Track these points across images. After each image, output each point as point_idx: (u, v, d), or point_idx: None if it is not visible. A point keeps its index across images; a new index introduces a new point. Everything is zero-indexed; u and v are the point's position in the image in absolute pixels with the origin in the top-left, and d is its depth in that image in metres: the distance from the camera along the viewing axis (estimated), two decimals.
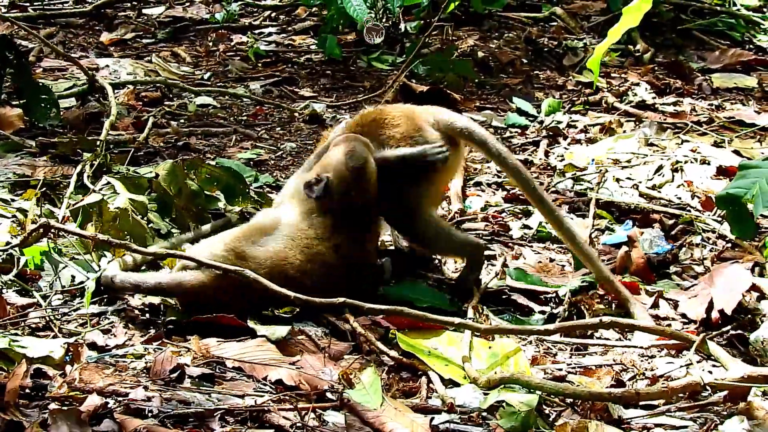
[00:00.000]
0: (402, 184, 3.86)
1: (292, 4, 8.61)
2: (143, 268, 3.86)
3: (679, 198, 5.05)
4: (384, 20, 7.73)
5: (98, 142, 4.98)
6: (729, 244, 4.49)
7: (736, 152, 5.63)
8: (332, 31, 7.47)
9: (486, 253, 4.17)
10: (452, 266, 4.21)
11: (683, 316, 3.85)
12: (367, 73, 7.19)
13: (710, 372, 3.30)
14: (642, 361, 3.47)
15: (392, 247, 4.33)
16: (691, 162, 5.42)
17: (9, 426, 2.63)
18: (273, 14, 8.55)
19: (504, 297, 3.94)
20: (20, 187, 4.54)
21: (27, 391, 2.84)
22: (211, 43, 7.77)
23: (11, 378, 2.79)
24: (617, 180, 5.25)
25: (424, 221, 3.94)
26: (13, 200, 4.33)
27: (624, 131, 6.03)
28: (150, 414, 2.76)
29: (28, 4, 8.75)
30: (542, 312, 3.83)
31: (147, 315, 3.51)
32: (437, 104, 6.28)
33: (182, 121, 6.03)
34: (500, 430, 2.90)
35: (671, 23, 8.18)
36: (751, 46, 8.02)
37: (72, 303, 3.58)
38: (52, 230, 3.77)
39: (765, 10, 8.75)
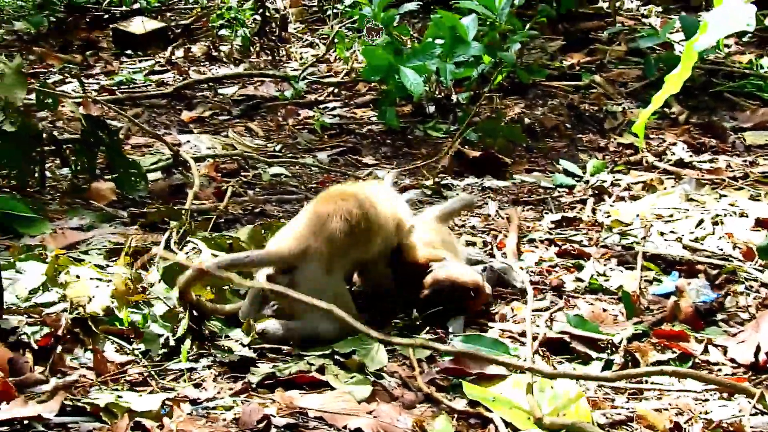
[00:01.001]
0: None
1: (353, 80, 8.68)
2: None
3: (721, 249, 4.97)
4: (437, 92, 7.77)
5: (183, 211, 5.03)
6: None
7: None
8: (391, 103, 7.51)
9: (540, 304, 4.20)
10: (509, 314, 4.18)
11: (732, 360, 3.78)
12: (424, 141, 7.20)
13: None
14: (696, 404, 3.40)
15: None
16: (730, 215, 5.36)
17: None
18: (336, 90, 8.61)
19: (562, 344, 3.88)
20: (114, 254, 4.58)
21: None
22: (281, 118, 7.83)
23: (114, 431, 2.80)
24: (661, 234, 5.19)
25: None
26: (108, 266, 4.36)
27: (665, 188, 5.97)
28: None
29: (115, 88, 8.91)
30: (599, 359, 3.77)
31: (235, 370, 3.49)
32: (489, 168, 6.39)
33: (258, 189, 6.06)
34: None
35: (703, 86, 8.13)
36: None
37: (164, 358, 3.59)
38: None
39: None
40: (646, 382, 3.58)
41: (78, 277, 3.92)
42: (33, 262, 4.19)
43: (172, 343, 3.62)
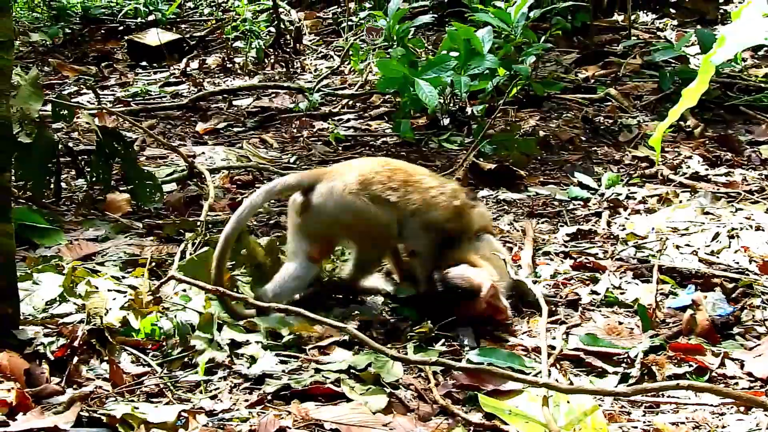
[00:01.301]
0: None
1: (368, 92, 8.71)
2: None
3: (737, 263, 4.95)
4: (452, 105, 7.79)
5: (198, 223, 5.05)
6: None
7: None
8: (405, 116, 7.53)
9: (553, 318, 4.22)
10: (524, 328, 4.17)
11: (749, 374, 3.76)
12: (439, 153, 7.20)
13: None
14: (713, 418, 3.39)
15: None
16: (746, 229, 5.34)
17: None
18: (350, 102, 8.64)
19: (577, 359, 3.87)
20: (130, 266, 4.60)
21: None
22: (295, 130, 7.86)
23: None
24: (677, 247, 5.17)
25: None
26: (124, 277, 4.37)
27: (680, 201, 5.96)
28: None
29: (130, 100, 8.97)
30: (615, 372, 3.76)
31: (250, 382, 3.50)
32: (504, 181, 6.38)
33: (272, 201, 6.06)
34: None
35: (719, 100, 8.12)
36: None
37: (181, 370, 3.60)
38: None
39: None
40: (663, 395, 3.56)
41: (95, 287, 3.93)
42: (50, 273, 4.22)
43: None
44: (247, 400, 3.36)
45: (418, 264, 4.35)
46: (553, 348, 3.86)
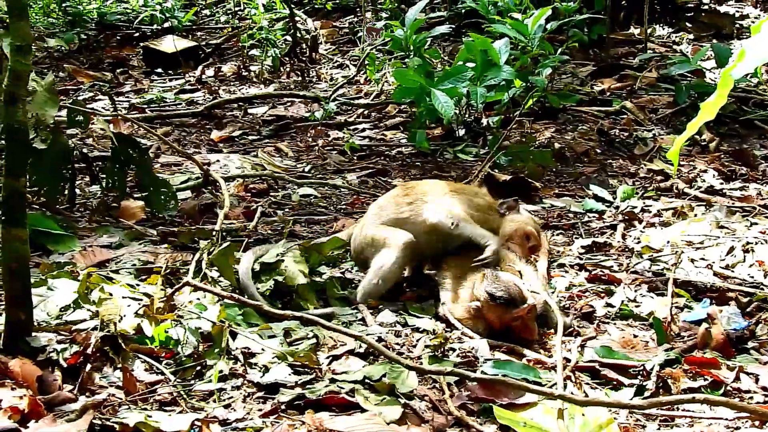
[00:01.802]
0: None
1: (383, 102, 8.72)
2: None
3: (752, 277, 4.94)
4: (468, 116, 7.78)
5: (213, 231, 5.05)
6: None
7: None
8: (421, 126, 7.53)
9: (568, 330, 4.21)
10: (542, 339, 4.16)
11: (763, 389, 3.74)
12: (454, 164, 7.20)
13: None
14: None
15: None
16: (761, 243, 5.31)
17: None
18: (366, 112, 8.64)
19: (593, 371, 3.85)
20: (144, 273, 4.60)
21: None
22: (310, 139, 7.87)
23: None
24: (692, 260, 5.16)
25: None
26: (138, 285, 4.37)
27: (695, 215, 5.94)
28: None
29: (146, 107, 8.99)
30: (630, 385, 3.74)
31: (264, 391, 3.49)
32: (519, 192, 6.37)
33: (287, 210, 6.08)
34: None
35: (734, 114, 8.11)
36: None
37: (194, 378, 3.59)
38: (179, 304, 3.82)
39: None
40: (678, 409, 3.54)
41: (110, 295, 3.93)
42: (64, 279, 4.21)
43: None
44: (260, 410, 3.34)
45: None
46: (569, 360, 3.84)
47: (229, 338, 3.74)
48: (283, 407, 3.35)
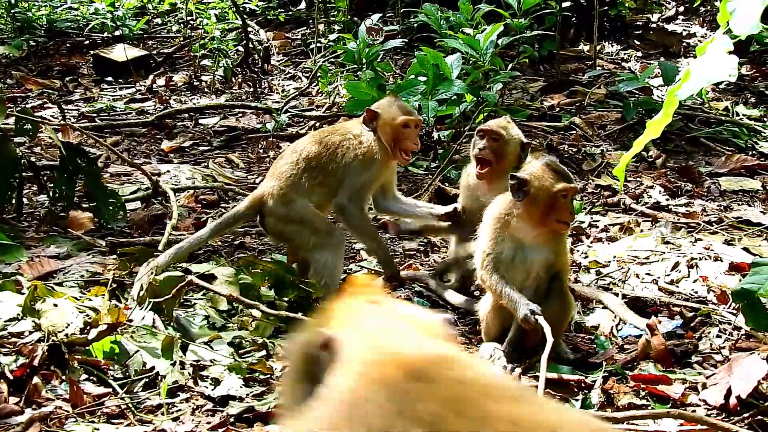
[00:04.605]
0: None
1: (335, 114, 8.71)
2: None
3: (696, 292, 5.03)
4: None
5: (159, 249, 4.98)
6: (744, 335, 4.45)
7: (746, 249, 5.61)
8: None
9: None
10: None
11: (704, 402, 3.81)
12: (404, 177, 7.22)
13: None
14: None
15: None
16: (705, 259, 5.41)
17: None
18: (317, 124, 8.63)
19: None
20: (92, 284, 4.56)
21: None
22: (262, 150, 7.86)
23: None
24: (637, 276, 5.24)
25: None
26: (83, 296, 4.34)
27: (641, 230, 6.03)
28: None
29: (95, 115, 8.92)
30: (576, 399, 3.79)
31: (212, 404, 3.48)
32: None
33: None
34: None
35: (680, 131, 8.22)
36: (754, 152, 8.03)
37: (143, 391, 3.57)
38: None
39: (766, 119, 8.80)
40: (622, 422, 3.59)
41: (55, 305, 3.90)
42: (8, 291, 4.16)
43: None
44: (209, 423, 3.35)
45: None
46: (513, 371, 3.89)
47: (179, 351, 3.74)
48: (231, 420, 3.35)
